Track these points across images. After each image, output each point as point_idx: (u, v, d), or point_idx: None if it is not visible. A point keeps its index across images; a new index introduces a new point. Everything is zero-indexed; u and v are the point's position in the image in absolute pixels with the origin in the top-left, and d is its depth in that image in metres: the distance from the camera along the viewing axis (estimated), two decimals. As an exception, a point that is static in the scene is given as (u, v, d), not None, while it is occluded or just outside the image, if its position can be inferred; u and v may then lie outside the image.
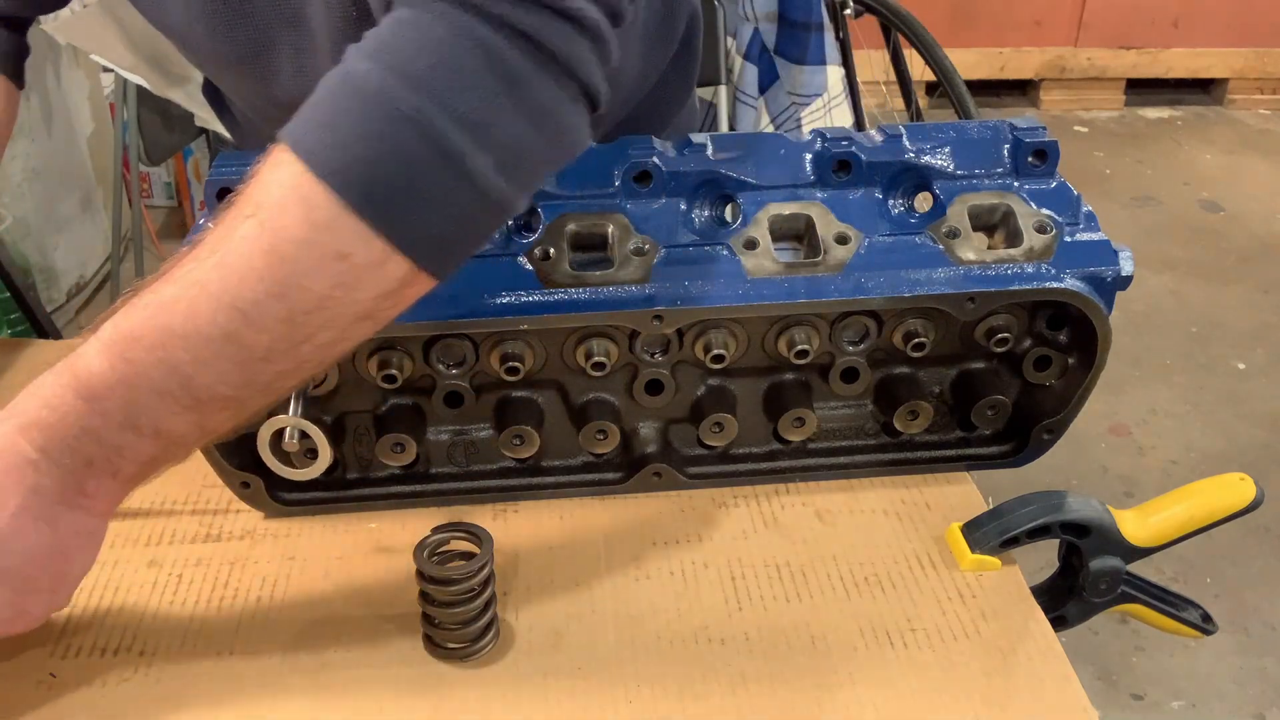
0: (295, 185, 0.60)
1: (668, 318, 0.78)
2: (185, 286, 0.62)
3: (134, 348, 0.62)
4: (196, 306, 0.61)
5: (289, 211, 0.60)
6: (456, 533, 0.74)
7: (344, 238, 0.60)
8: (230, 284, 0.61)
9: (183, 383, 0.62)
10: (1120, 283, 0.82)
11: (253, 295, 0.60)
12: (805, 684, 0.73)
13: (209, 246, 0.62)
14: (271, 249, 0.60)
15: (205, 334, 0.61)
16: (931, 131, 0.85)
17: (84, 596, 0.79)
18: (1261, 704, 1.93)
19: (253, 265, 0.60)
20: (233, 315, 0.61)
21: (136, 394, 0.63)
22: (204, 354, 0.62)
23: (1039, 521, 0.79)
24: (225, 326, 0.61)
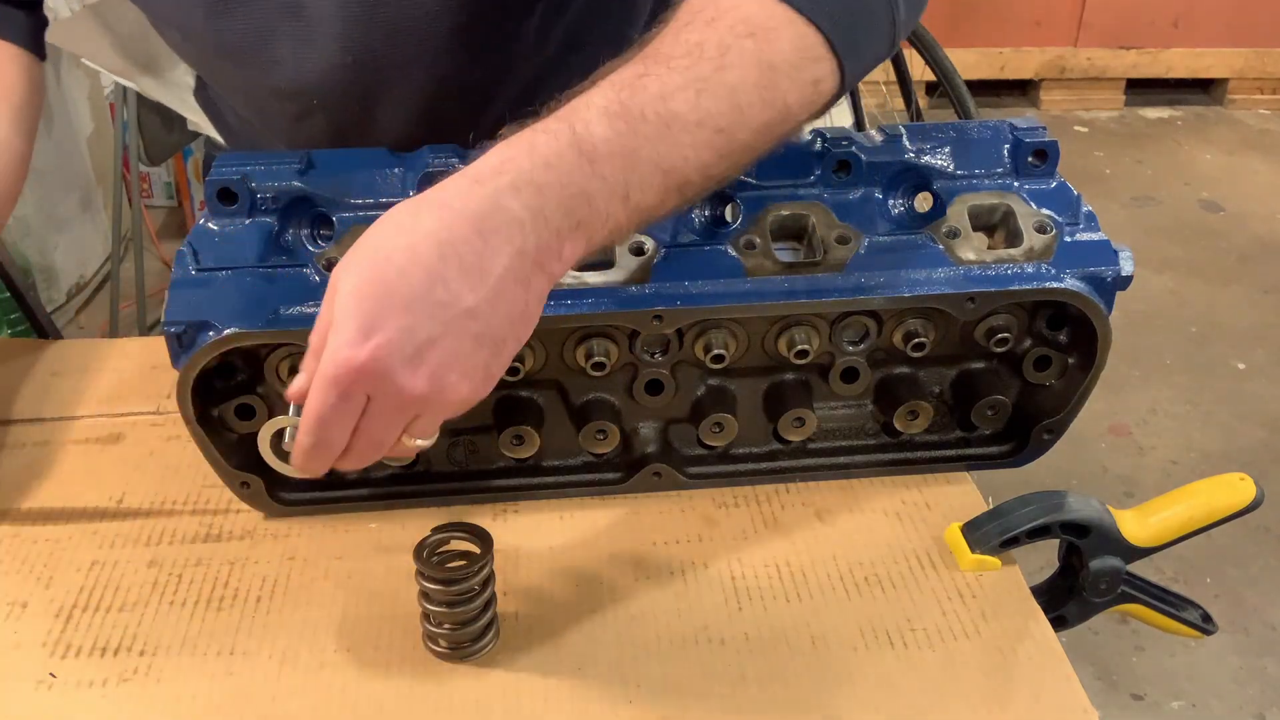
0: (789, 19, 0.71)
1: (668, 318, 0.78)
2: (690, 80, 0.67)
3: (641, 124, 0.66)
4: (702, 99, 0.67)
5: (788, 40, 0.70)
6: (456, 533, 0.74)
7: (822, 69, 0.72)
8: (731, 86, 0.68)
9: (674, 165, 0.67)
10: (1120, 283, 0.82)
11: (750, 100, 0.69)
12: (805, 684, 0.73)
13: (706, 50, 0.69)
14: (770, 67, 0.70)
15: (706, 123, 0.68)
16: (931, 131, 0.85)
17: (84, 596, 0.79)
18: (1261, 704, 1.93)
19: (752, 76, 0.69)
20: (732, 113, 0.68)
21: (635, 165, 0.66)
22: (700, 142, 0.68)
23: (1039, 521, 0.79)
24: (724, 119, 0.68)
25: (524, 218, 0.63)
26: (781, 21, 0.71)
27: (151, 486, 0.89)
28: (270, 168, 0.80)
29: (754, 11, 0.70)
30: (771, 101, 0.70)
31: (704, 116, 0.67)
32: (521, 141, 0.64)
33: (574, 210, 0.64)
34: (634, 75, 0.67)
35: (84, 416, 0.97)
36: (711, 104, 0.68)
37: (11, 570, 0.81)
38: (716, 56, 0.68)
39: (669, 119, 0.66)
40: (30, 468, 0.91)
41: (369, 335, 0.61)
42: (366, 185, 0.81)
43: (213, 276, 0.78)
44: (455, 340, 0.63)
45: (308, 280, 0.78)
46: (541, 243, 0.64)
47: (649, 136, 0.66)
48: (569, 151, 0.64)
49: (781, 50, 0.70)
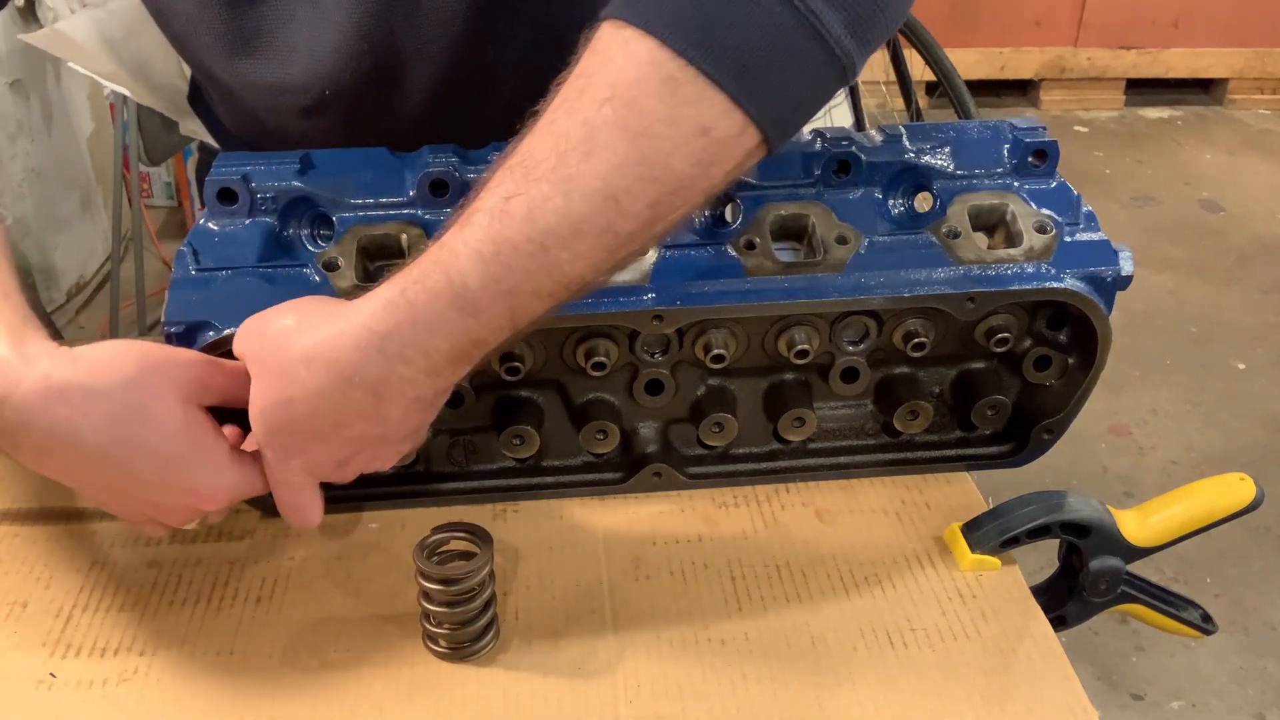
0: (653, 62, 0.60)
1: (668, 318, 0.78)
2: (555, 183, 0.62)
3: (515, 255, 0.63)
4: (572, 204, 0.62)
5: (651, 90, 0.60)
6: (456, 533, 0.74)
7: (708, 112, 0.61)
8: (604, 174, 0.61)
9: (560, 280, 0.64)
10: (1120, 283, 0.82)
11: (624, 183, 0.61)
12: (805, 684, 0.73)
13: (567, 138, 0.62)
14: (640, 132, 0.61)
15: (584, 230, 0.62)
16: (931, 131, 0.85)
17: (84, 596, 0.79)
18: (1261, 704, 1.93)
19: (622, 151, 0.61)
20: (608, 206, 0.62)
21: (518, 299, 0.64)
22: (582, 250, 0.63)
23: (1039, 521, 0.79)
24: (603, 219, 0.62)
25: (416, 378, 0.66)
26: (644, 68, 0.60)
27: (151, 486, 0.89)
28: (270, 168, 0.80)
29: (616, 66, 0.61)
30: (652, 176, 0.62)
31: (579, 223, 0.62)
32: (404, 300, 0.64)
33: (463, 354, 0.67)
34: (503, 198, 0.63)
35: (84, 416, 0.97)
36: (583, 206, 0.62)
37: (11, 570, 0.81)
38: (581, 143, 0.61)
39: (543, 241, 0.62)
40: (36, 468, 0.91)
41: (290, 457, 0.70)
42: (366, 185, 0.81)
43: (213, 276, 0.78)
44: (370, 450, 0.71)
45: (308, 280, 0.78)
46: (435, 385, 0.68)
47: (526, 269, 0.63)
48: (451, 313, 0.64)
49: (648, 109, 0.61)
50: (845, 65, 0.64)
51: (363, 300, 0.66)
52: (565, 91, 0.63)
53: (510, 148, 0.65)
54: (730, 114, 0.61)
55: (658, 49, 0.60)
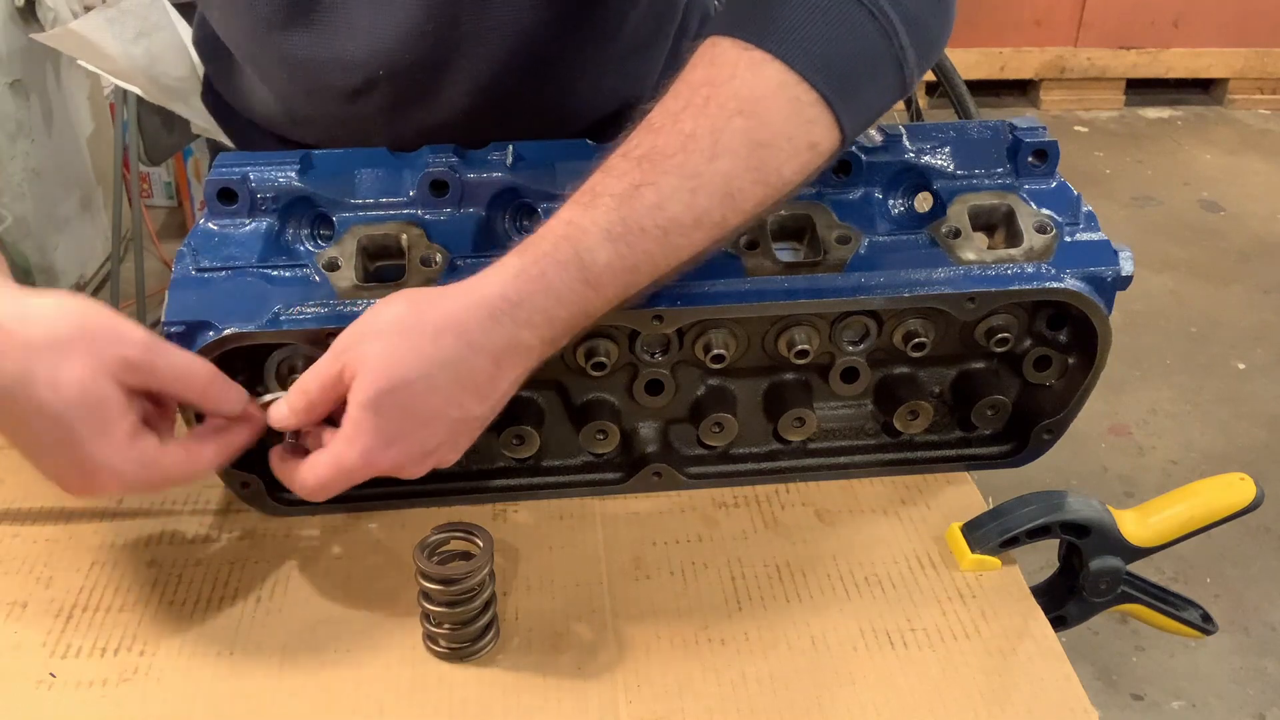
0: (781, 84, 0.69)
1: (668, 318, 0.78)
2: (685, 178, 0.68)
3: (642, 239, 0.68)
4: (697, 198, 0.69)
5: (779, 108, 0.69)
6: (456, 533, 0.74)
7: (819, 131, 0.71)
8: (725, 174, 0.69)
9: (673, 263, 0.70)
10: (1120, 283, 0.82)
11: (741, 185, 0.69)
12: (805, 684, 0.73)
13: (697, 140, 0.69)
14: (763, 143, 0.69)
15: (703, 221, 0.69)
16: (931, 131, 0.85)
17: (84, 596, 0.79)
18: (1261, 704, 1.93)
19: (745, 158, 0.69)
20: (725, 203, 0.69)
21: (636, 277, 0.70)
22: (698, 238, 0.70)
23: (1039, 521, 0.79)
24: (717, 213, 0.69)
25: (535, 347, 0.70)
26: (773, 87, 0.70)
27: (151, 486, 0.89)
28: (270, 168, 0.80)
29: (745, 82, 0.70)
30: (765, 180, 0.70)
31: (700, 215, 0.69)
32: (536, 270, 0.68)
33: (577, 324, 0.71)
34: (632, 185, 0.69)
35: (84, 416, 0.97)
36: (706, 201, 0.69)
37: (11, 570, 0.81)
38: (709, 146, 0.69)
39: (667, 227, 0.69)
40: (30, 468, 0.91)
41: (390, 444, 0.70)
42: (366, 185, 0.81)
43: (213, 276, 0.78)
44: (459, 438, 0.72)
45: (308, 280, 0.78)
46: (543, 353, 0.71)
47: (648, 250, 0.69)
48: (578, 285, 0.68)
49: (773, 123, 0.70)
50: (909, 83, 0.74)
51: (489, 273, 0.69)
52: (689, 97, 0.70)
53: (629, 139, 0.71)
54: (834, 131, 0.71)
55: (785, 72, 0.69)
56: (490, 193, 0.81)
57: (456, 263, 0.79)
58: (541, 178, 0.81)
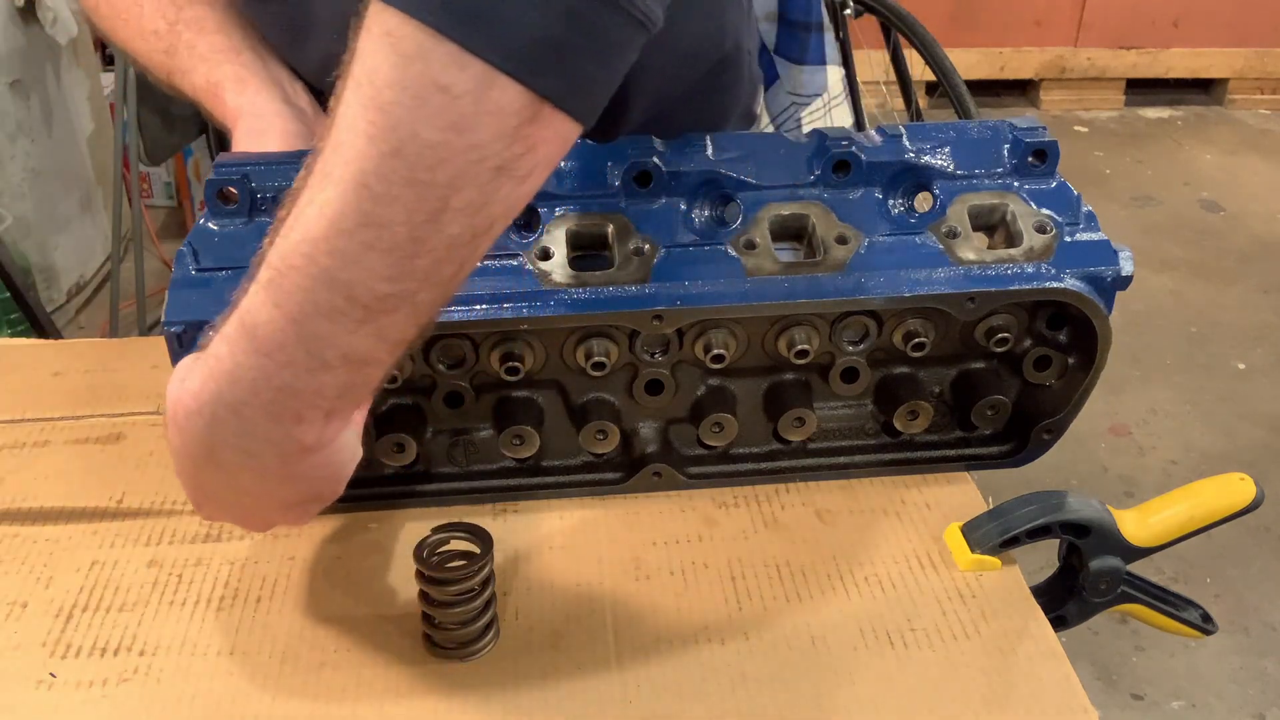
0: (379, 26, 0.54)
1: (668, 318, 0.78)
2: (313, 184, 0.56)
3: (288, 275, 0.57)
4: (327, 201, 0.55)
5: (378, 55, 0.54)
6: (456, 533, 0.74)
7: (435, 65, 0.53)
8: (349, 159, 0.55)
9: (345, 294, 0.57)
10: (1120, 283, 0.82)
11: (370, 164, 0.54)
12: (805, 684, 0.73)
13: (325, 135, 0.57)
14: (370, 101, 0.54)
15: (342, 227, 0.55)
16: (931, 131, 0.85)
17: (84, 596, 0.79)
18: (1261, 704, 1.93)
19: (360, 129, 0.54)
20: (361, 194, 0.55)
21: (310, 327, 0.58)
22: (349, 250, 0.56)
23: (1039, 521, 0.79)
24: (357, 210, 0.55)
25: (242, 443, 0.62)
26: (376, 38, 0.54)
27: (151, 486, 0.89)
28: (270, 168, 0.80)
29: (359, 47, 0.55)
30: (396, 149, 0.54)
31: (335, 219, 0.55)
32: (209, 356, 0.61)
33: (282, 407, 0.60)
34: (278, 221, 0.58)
35: (84, 416, 0.97)
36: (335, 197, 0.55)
37: (11, 570, 0.81)
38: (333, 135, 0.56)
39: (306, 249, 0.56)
40: (30, 468, 0.91)
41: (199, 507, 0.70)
42: (366, 185, 0.81)
43: (213, 276, 0.78)
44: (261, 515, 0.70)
45: (308, 280, 0.78)
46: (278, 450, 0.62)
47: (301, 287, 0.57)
48: (244, 357, 0.59)
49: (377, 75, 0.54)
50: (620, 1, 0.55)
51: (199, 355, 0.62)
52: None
53: None
54: (464, 63, 0.53)
55: (382, 10, 0.54)
56: (490, 193, 0.81)
57: (456, 263, 0.79)
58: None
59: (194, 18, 0.91)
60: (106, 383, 1.01)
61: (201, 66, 0.90)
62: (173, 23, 0.91)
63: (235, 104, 0.88)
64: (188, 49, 0.90)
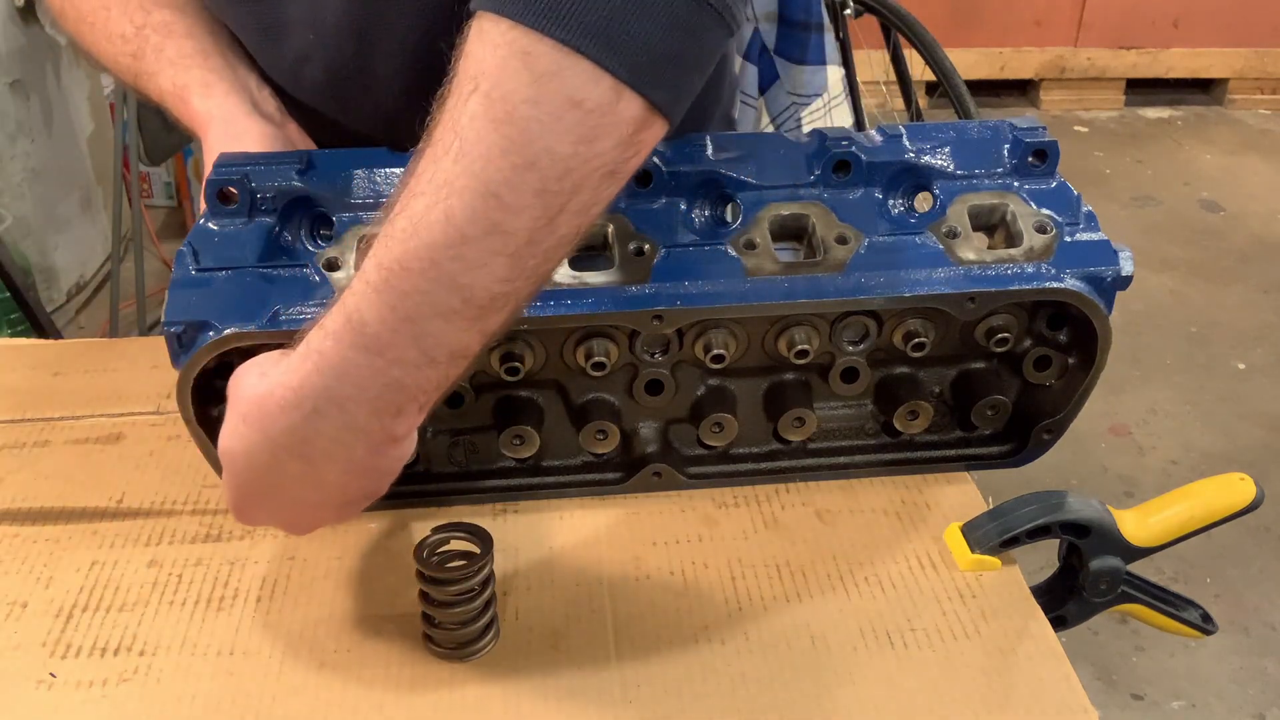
0: (509, 42, 0.56)
1: (668, 318, 0.78)
2: (434, 191, 0.58)
3: (405, 278, 0.58)
4: (452, 210, 0.57)
5: (510, 71, 0.56)
6: (456, 533, 0.74)
7: (571, 81, 0.56)
8: (477, 171, 0.57)
9: (463, 296, 0.59)
10: (1120, 283, 0.82)
11: (501, 175, 0.57)
12: (805, 684, 0.73)
13: (442, 142, 0.58)
14: (506, 118, 0.56)
15: (469, 235, 0.57)
16: (931, 131, 0.85)
17: (84, 596, 0.79)
18: (1261, 704, 1.93)
19: (492, 142, 0.56)
20: (490, 204, 0.57)
21: (423, 326, 0.60)
22: (473, 257, 0.58)
23: (1039, 521, 0.79)
24: (486, 219, 0.57)
25: (339, 436, 0.63)
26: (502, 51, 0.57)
27: (151, 486, 0.89)
28: (270, 168, 0.80)
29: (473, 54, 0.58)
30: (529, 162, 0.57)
31: (462, 227, 0.57)
32: (311, 350, 0.62)
33: (385, 405, 0.63)
34: (387, 222, 0.60)
35: (84, 416, 0.97)
36: (462, 207, 0.57)
37: (11, 570, 0.81)
38: (452, 143, 0.57)
39: (431, 256, 0.58)
40: (30, 468, 0.91)
41: (241, 512, 0.70)
42: (366, 185, 0.81)
43: (213, 276, 0.78)
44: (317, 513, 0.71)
45: (308, 280, 0.78)
46: (368, 443, 0.64)
47: (420, 289, 0.59)
48: (353, 353, 0.60)
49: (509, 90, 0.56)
50: (719, 9, 0.60)
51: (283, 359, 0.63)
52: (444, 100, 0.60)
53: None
54: (598, 80, 0.57)
55: (511, 28, 0.56)
56: (490, 193, 0.81)
57: (456, 263, 0.78)
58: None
59: (162, 22, 0.90)
60: (106, 383, 1.01)
61: (168, 70, 0.89)
62: (140, 26, 0.91)
63: (202, 108, 0.87)
64: (155, 52, 0.90)
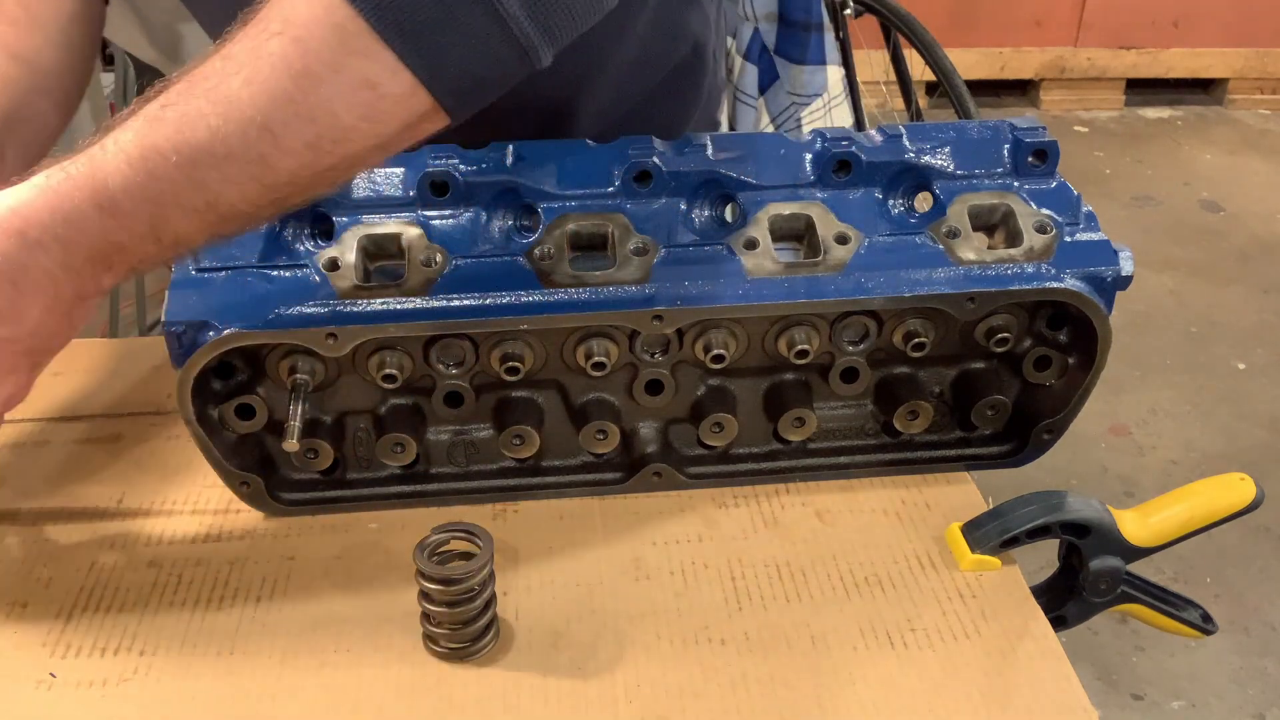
0: (327, 7, 0.61)
1: (668, 318, 0.78)
2: (213, 103, 0.62)
3: (162, 164, 0.63)
4: (227, 126, 0.62)
5: (320, 34, 0.61)
6: (456, 533, 0.74)
7: (374, 67, 0.62)
8: (261, 104, 0.62)
9: (208, 200, 0.64)
10: (1120, 283, 0.82)
11: (283, 117, 0.62)
12: (805, 684, 0.73)
13: (234, 61, 0.62)
14: (304, 71, 0.62)
15: (235, 154, 0.62)
16: (931, 131, 0.85)
17: (84, 596, 0.79)
18: (1261, 704, 1.93)
19: (284, 87, 0.62)
20: (264, 137, 0.62)
21: (162, 209, 0.64)
22: (232, 174, 0.63)
23: (1039, 521, 0.79)
24: (255, 148, 0.62)
25: (54, 272, 0.66)
26: (318, 11, 0.62)
27: (151, 486, 0.89)
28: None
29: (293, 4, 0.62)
30: (311, 115, 0.63)
31: (230, 147, 0.62)
32: (49, 186, 0.64)
33: (101, 259, 0.66)
34: (159, 106, 0.63)
35: (84, 416, 0.97)
36: (236, 130, 0.62)
37: (11, 570, 0.81)
38: (243, 68, 0.62)
39: (191, 155, 0.63)
40: (30, 468, 0.91)
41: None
42: (366, 185, 0.81)
43: (213, 276, 0.78)
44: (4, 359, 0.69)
45: (308, 280, 0.78)
46: (76, 286, 0.67)
47: (172, 180, 0.63)
48: (88, 207, 0.64)
49: (313, 49, 0.62)
50: (525, 48, 0.65)
51: (16, 186, 0.66)
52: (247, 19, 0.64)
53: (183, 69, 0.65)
54: (398, 73, 0.63)
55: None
56: (490, 193, 0.81)
57: (456, 262, 0.79)
58: (542, 178, 0.81)
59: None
60: (106, 383, 1.01)
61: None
62: None
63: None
64: None
